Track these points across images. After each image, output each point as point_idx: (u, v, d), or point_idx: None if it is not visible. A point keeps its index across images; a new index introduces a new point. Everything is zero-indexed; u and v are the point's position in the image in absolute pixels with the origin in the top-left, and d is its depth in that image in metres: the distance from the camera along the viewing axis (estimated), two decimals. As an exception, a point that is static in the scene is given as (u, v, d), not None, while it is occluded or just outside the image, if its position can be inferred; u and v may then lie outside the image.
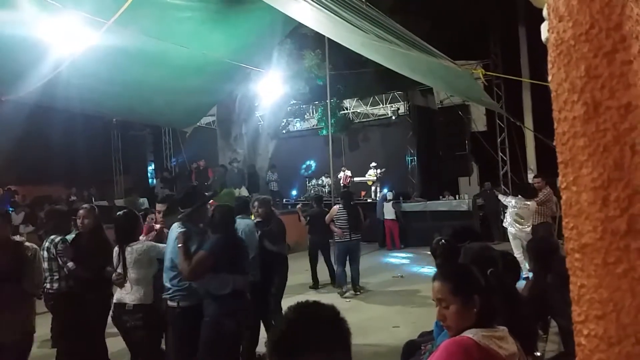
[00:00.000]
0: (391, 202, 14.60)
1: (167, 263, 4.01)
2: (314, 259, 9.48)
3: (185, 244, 3.81)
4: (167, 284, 3.99)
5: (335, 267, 9.04)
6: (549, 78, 0.67)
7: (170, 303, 3.98)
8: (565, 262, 0.68)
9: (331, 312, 1.35)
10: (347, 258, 8.71)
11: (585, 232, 0.62)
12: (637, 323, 0.57)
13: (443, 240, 3.64)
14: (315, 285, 9.36)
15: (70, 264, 4.80)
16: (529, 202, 8.44)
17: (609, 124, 0.59)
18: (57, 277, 4.93)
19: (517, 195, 8.84)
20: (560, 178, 0.66)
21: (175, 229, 4.02)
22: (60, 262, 4.87)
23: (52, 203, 15.17)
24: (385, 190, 16.33)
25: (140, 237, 4.70)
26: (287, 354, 1.24)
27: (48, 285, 4.91)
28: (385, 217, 14.56)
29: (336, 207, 8.80)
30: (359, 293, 8.65)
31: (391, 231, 14.60)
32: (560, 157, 0.65)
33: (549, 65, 0.67)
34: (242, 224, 5.28)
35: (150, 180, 21.68)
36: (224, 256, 3.90)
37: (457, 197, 15.72)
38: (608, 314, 0.60)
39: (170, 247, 4.02)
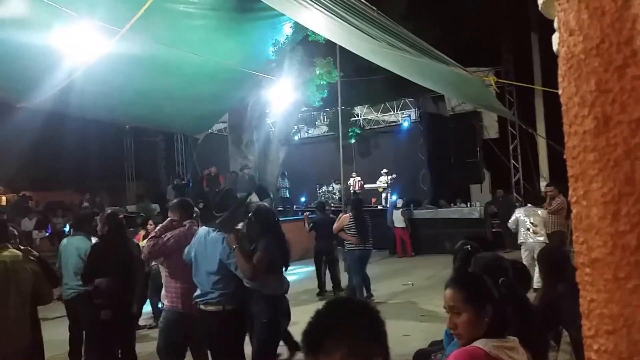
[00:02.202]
0: (401, 209, 14.56)
1: (209, 268, 3.92)
2: (320, 266, 9.43)
3: (241, 245, 3.80)
4: (208, 289, 3.92)
5: (337, 275, 8.91)
6: (560, 92, 0.67)
7: (214, 307, 3.91)
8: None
9: (361, 306, 1.39)
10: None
11: (596, 246, 0.62)
12: (648, 339, 0.56)
13: (468, 247, 3.62)
14: (322, 292, 9.31)
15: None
16: (539, 211, 8.32)
17: (619, 139, 0.59)
18: None
19: (527, 204, 8.68)
20: (570, 192, 0.66)
21: (211, 233, 3.99)
22: None
23: (65, 209, 15.35)
24: (394, 198, 16.33)
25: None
26: (314, 343, 1.29)
27: None
28: (395, 225, 14.53)
29: (347, 215, 8.49)
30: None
31: (402, 239, 14.55)
32: (571, 171, 0.65)
33: (560, 79, 0.67)
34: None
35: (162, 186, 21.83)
36: (277, 257, 4.03)
37: (468, 205, 15.63)
38: (619, 330, 0.59)
39: (210, 251, 3.93)
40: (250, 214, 4.26)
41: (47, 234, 13.96)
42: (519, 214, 8.54)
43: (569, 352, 4.55)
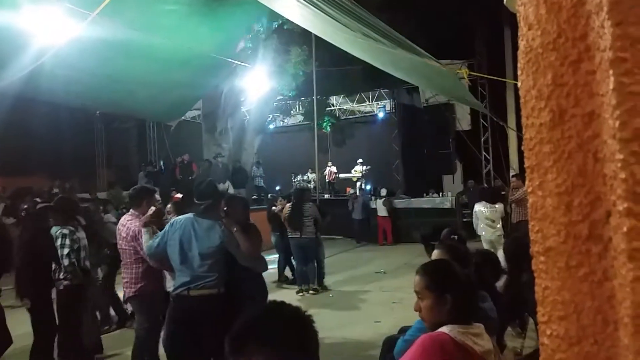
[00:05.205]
0: (383, 198, 14.74)
1: (204, 252, 3.99)
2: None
3: (240, 228, 4.06)
4: (202, 272, 3.97)
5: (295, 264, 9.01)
6: (519, 85, 0.69)
7: (209, 291, 3.97)
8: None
9: (292, 314, 1.35)
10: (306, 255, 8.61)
11: (550, 235, 0.64)
12: (596, 324, 0.59)
13: (455, 236, 3.70)
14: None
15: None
16: (496, 205, 8.60)
17: (573, 132, 0.61)
18: None
19: (482, 201, 8.88)
20: (527, 183, 0.68)
21: (198, 219, 4.09)
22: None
23: (34, 195, 15.00)
24: (368, 187, 16.50)
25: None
26: (236, 344, 1.26)
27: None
28: (378, 213, 14.75)
29: (289, 204, 8.74)
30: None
31: (383, 228, 14.72)
32: (527, 162, 0.67)
33: (519, 72, 0.69)
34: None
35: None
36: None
37: (440, 195, 15.85)
38: (569, 315, 0.61)
39: (205, 236, 4.03)
40: (228, 201, 4.52)
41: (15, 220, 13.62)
42: (478, 207, 8.77)
43: (534, 339, 4.68)
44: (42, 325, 4.79)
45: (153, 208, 4.34)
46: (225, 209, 4.36)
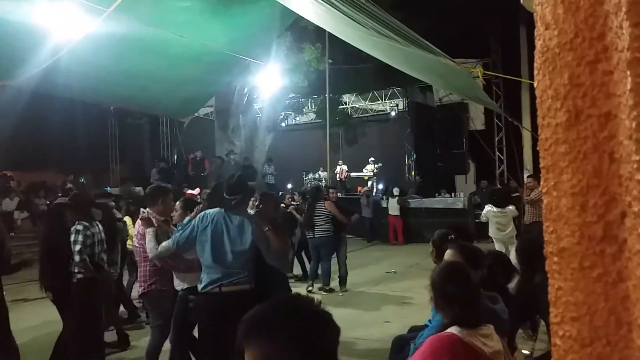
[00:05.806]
0: (396, 197, 14.70)
1: (238, 248, 3.97)
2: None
3: (271, 226, 4.06)
4: (236, 269, 3.95)
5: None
6: (535, 84, 0.69)
7: (242, 287, 3.94)
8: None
9: (303, 309, 1.29)
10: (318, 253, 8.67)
11: (564, 236, 0.64)
12: (609, 325, 0.59)
13: (452, 237, 3.66)
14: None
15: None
16: (506, 210, 8.52)
17: (589, 132, 0.60)
18: None
19: (491, 204, 8.81)
20: (542, 183, 0.67)
21: (231, 215, 4.05)
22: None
23: (48, 189, 15.18)
24: (380, 187, 16.44)
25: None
26: (244, 332, 1.24)
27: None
28: (390, 212, 14.73)
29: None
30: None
31: (394, 227, 14.68)
32: (543, 163, 0.67)
33: (535, 72, 0.68)
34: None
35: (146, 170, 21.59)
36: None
37: (452, 195, 15.77)
38: (582, 316, 0.61)
39: (238, 233, 4.00)
40: (262, 198, 4.66)
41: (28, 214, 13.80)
42: (488, 209, 8.70)
43: (545, 342, 4.64)
44: (67, 317, 4.87)
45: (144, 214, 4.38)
46: (258, 205, 4.38)
